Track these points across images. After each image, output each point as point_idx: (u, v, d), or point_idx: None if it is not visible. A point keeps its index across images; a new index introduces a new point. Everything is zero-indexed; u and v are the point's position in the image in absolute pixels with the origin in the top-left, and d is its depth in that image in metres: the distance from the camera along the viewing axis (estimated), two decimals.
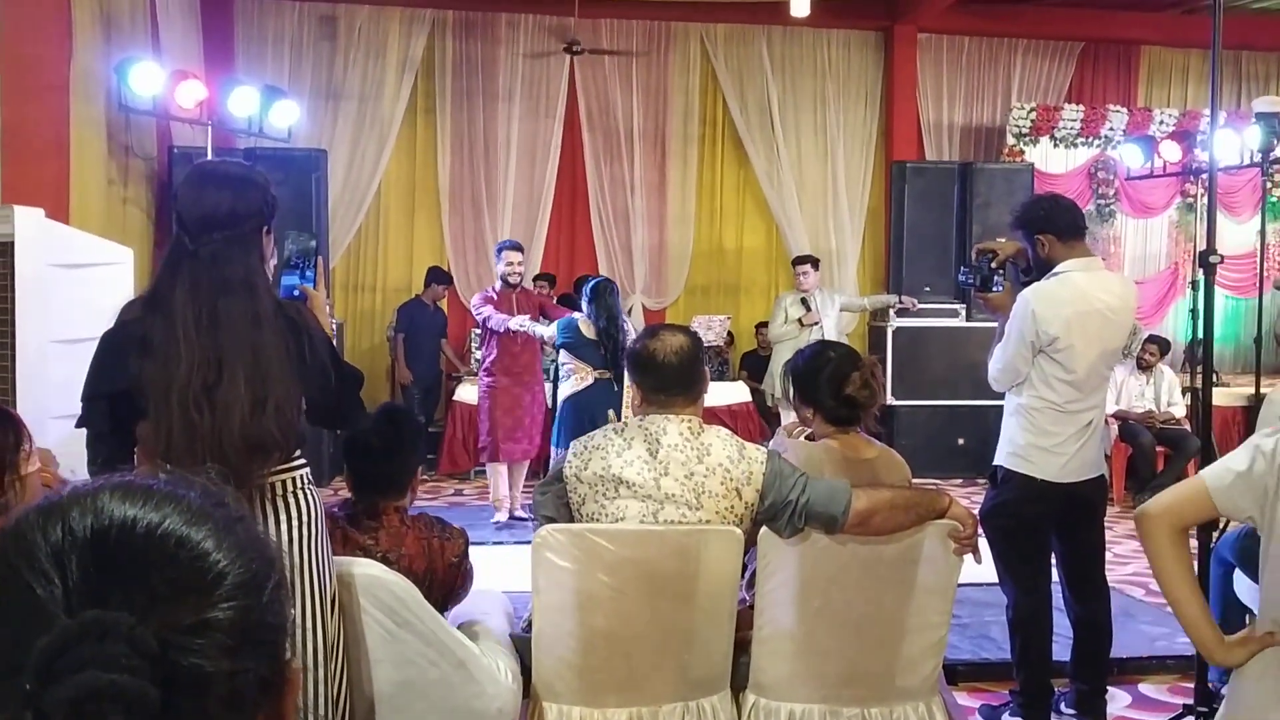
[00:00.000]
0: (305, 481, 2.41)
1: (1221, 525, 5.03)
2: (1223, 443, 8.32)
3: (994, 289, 3.79)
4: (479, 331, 7.33)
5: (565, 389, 6.26)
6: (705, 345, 8.53)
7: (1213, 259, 3.00)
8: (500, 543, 6.20)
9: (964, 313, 9.05)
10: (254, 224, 2.35)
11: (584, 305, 6.43)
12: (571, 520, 2.75)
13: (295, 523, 2.36)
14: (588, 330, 6.25)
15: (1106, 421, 7.58)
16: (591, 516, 2.70)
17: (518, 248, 7.19)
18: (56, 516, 0.76)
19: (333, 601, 2.43)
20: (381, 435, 2.84)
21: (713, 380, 8.49)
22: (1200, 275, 3.11)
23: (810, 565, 2.70)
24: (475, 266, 10.37)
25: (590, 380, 6.15)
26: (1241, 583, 3.63)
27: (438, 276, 9.31)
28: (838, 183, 10.77)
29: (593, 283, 6.54)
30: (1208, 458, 3.83)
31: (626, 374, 2.97)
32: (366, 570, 2.52)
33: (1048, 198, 3.92)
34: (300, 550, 2.36)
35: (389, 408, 3.05)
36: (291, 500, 2.37)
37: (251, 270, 2.33)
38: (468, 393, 8.77)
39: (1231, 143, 7.94)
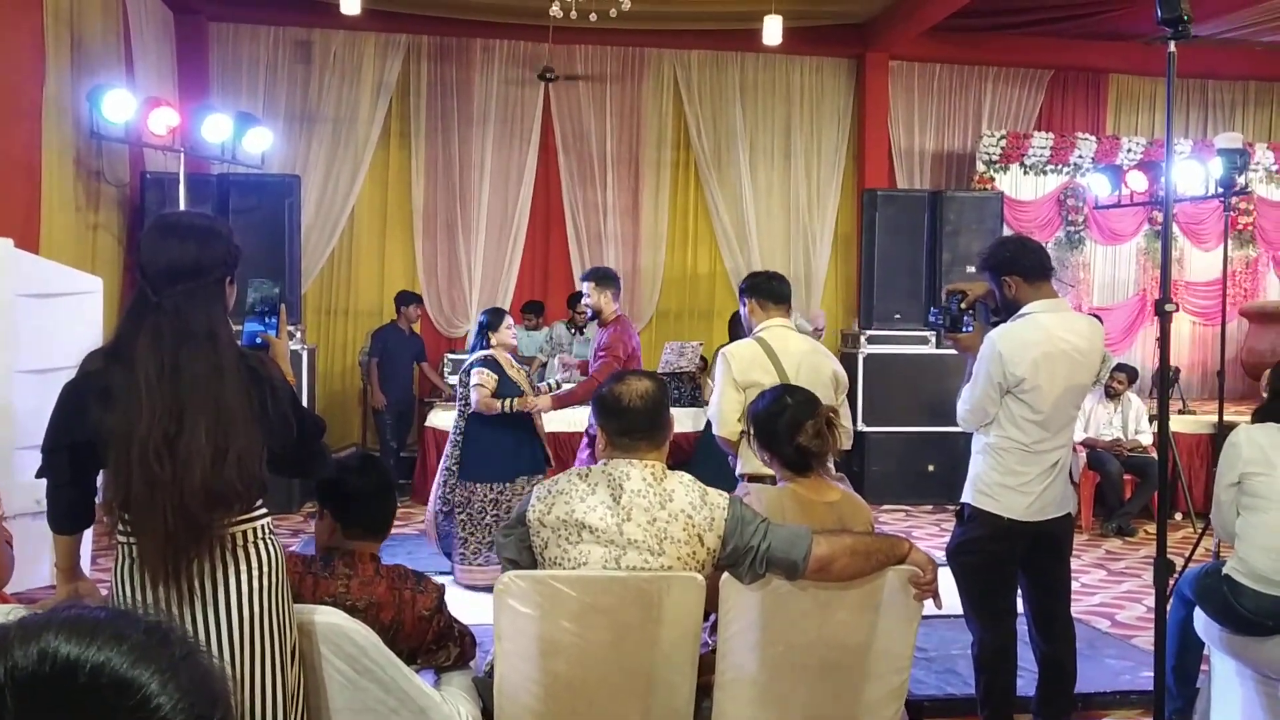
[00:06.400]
0: (266, 531, 2.41)
1: (1184, 561, 5.10)
2: (1189, 471, 8.42)
3: (964, 329, 3.83)
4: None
5: None
6: (678, 371, 8.57)
7: (1167, 308, 3.04)
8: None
9: (934, 340, 9.11)
10: (217, 275, 2.36)
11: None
12: (535, 564, 2.76)
13: (255, 573, 2.36)
14: None
15: (1075, 449, 7.67)
16: (554, 561, 2.71)
17: (585, 277, 6.54)
18: (0, 652, 0.76)
19: (293, 651, 2.43)
20: (366, 480, 2.86)
21: (686, 406, 8.43)
22: (1165, 306, 3.15)
23: (771, 610, 2.71)
24: (447, 290, 10.39)
25: None
26: (1199, 619, 3.67)
27: (406, 298, 9.31)
28: (809, 209, 10.86)
29: None
30: (1165, 494, 3.89)
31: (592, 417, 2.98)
32: (327, 619, 2.52)
33: (1014, 240, 3.96)
34: (260, 601, 2.35)
35: (365, 455, 3.09)
36: (252, 550, 2.37)
37: (214, 321, 2.33)
38: (441, 418, 8.76)
39: (1196, 173, 8.04)
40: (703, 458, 6.38)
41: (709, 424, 4.52)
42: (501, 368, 5.90)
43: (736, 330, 6.26)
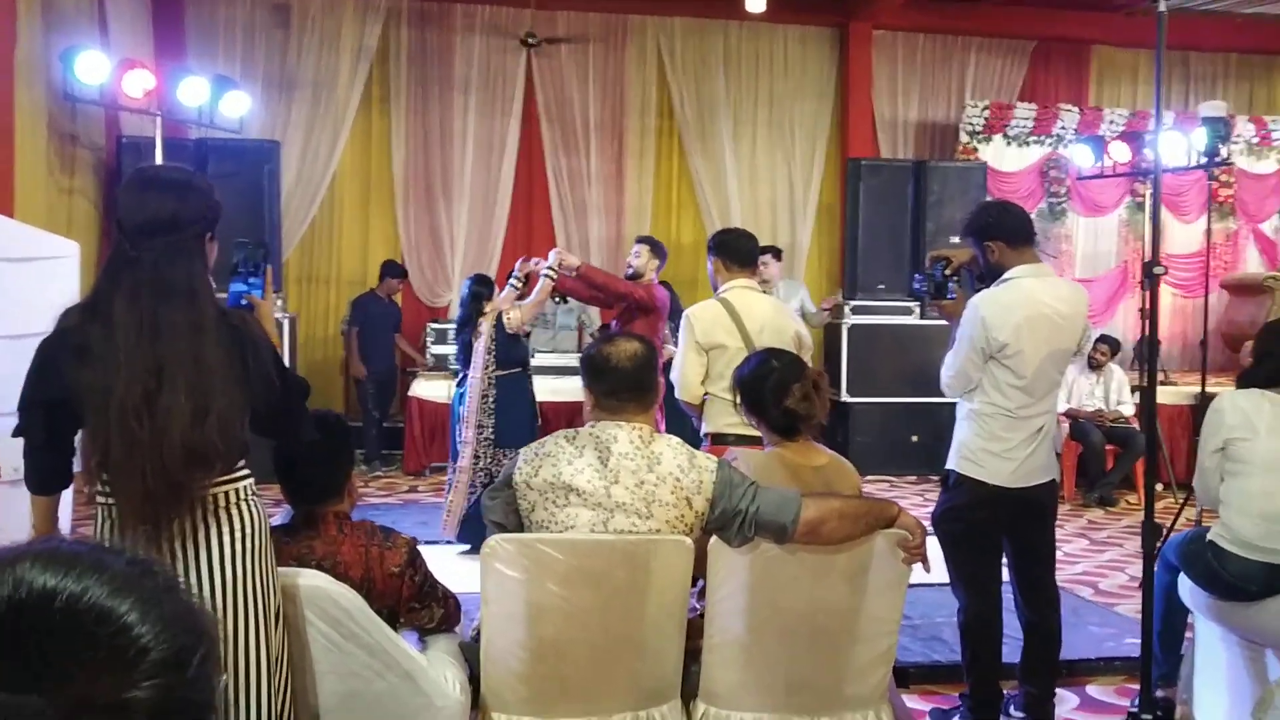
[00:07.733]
0: (248, 493, 2.37)
1: (1167, 529, 5.11)
2: (1170, 441, 8.46)
3: (948, 296, 3.81)
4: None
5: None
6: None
7: (1156, 270, 3.02)
8: (453, 542, 6.15)
9: (918, 310, 9.10)
10: (197, 230, 2.31)
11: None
12: (521, 527, 2.73)
13: (237, 535, 2.32)
14: None
15: (1058, 420, 7.71)
16: (541, 524, 2.68)
17: (642, 240, 6.41)
18: None
19: (276, 614, 2.39)
20: (310, 443, 2.75)
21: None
22: (1154, 269, 3.13)
23: (760, 574, 2.69)
24: (430, 259, 10.29)
25: None
26: (1184, 586, 3.67)
27: (392, 270, 9.22)
28: (793, 178, 10.82)
29: None
30: (1153, 460, 3.89)
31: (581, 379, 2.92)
32: (311, 581, 2.48)
33: (996, 204, 3.94)
34: (242, 563, 2.31)
35: (315, 414, 2.89)
36: (235, 512, 2.33)
37: (194, 277, 2.28)
38: (424, 388, 8.71)
39: (1178, 144, 8.02)
40: (668, 420, 6.39)
41: (672, 387, 4.48)
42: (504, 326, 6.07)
43: None
